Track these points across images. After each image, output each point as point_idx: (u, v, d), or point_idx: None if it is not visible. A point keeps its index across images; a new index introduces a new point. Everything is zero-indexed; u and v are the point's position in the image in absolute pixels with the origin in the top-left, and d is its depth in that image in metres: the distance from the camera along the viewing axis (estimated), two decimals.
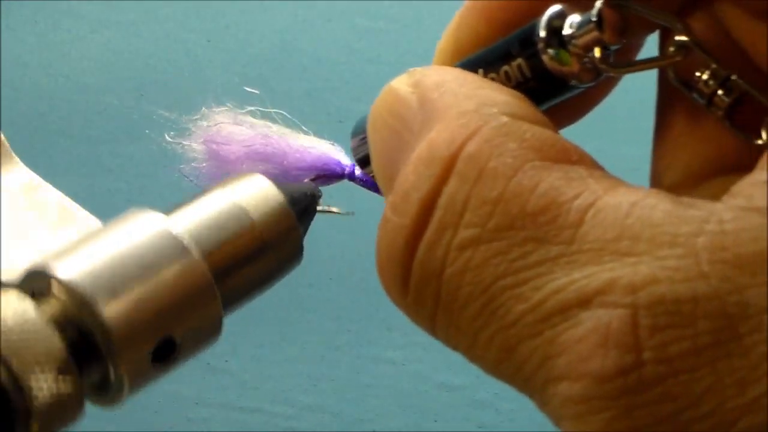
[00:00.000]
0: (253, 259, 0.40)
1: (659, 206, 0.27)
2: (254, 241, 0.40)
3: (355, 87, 1.16)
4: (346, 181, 0.47)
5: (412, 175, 0.31)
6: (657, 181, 0.36)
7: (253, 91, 0.44)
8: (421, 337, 0.33)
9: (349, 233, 1.16)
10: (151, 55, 1.19)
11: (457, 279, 0.29)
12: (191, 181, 0.46)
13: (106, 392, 0.37)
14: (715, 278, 0.26)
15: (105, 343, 0.34)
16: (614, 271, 0.27)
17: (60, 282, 0.33)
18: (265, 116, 0.46)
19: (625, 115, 1.15)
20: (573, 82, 0.35)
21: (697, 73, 0.34)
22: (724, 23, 0.34)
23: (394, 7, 1.19)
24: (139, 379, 0.36)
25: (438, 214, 0.30)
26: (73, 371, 0.34)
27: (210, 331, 0.38)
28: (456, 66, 0.37)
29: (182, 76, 1.17)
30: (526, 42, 0.35)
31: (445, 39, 0.38)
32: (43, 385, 0.34)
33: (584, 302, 0.27)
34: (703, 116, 0.35)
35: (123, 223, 0.36)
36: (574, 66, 0.34)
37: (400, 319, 0.33)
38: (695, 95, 0.34)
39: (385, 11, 1.19)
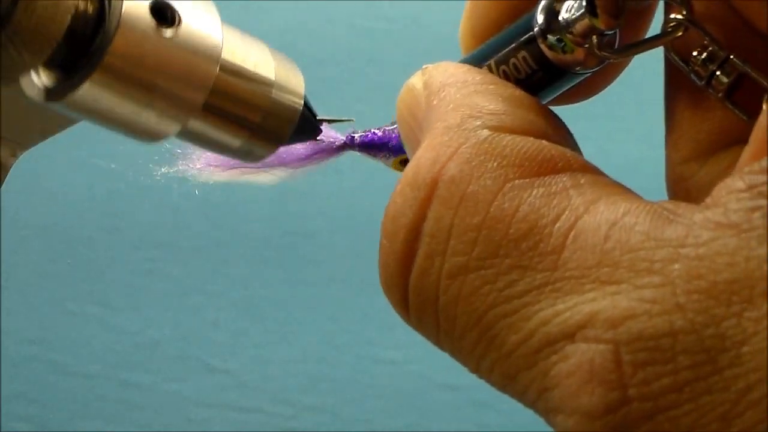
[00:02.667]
0: (246, 102, 0.39)
1: (637, 227, 0.27)
2: (259, 94, 0.39)
3: (355, 87, 1.16)
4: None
5: (399, 197, 0.31)
6: (669, 156, 0.36)
7: None
8: (421, 337, 0.33)
9: (350, 233, 1.16)
10: None
11: (451, 309, 0.30)
12: (189, 176, 0.46)
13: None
14: (692, 310, 0.25)
15: None
16: (595, 303, 0.27)
17: None
18: None
19: (626, 113, 1.15)
20: (578, 69, 0.34)
21: (695, 53, 0.34)
22: None
23: (394, 7, 1.19)
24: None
25: (425, 240, 0.30)
26: None
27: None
28: (469, 57, 0.37)
29: None
30: (526, 32, 0.34)
31: (462, 24, 0.38)
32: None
33: (569, 336, 0.27)
34: (706, 92, 0.35)
35: None
36: (575, 54, 0.34)
37: (400, 319, 0.33)
38: (693, 76, 0.34)
39: (385, 11, 1.19)
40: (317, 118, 0.43)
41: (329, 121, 0.44)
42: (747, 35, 0.34)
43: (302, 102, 0.41)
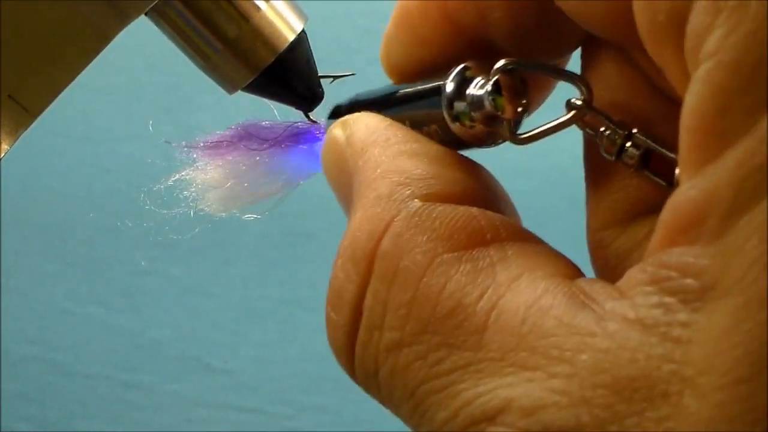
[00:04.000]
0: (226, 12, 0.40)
1: (552, 311, 0.27)
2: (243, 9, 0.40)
3: (355, 87, 1.16)
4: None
5: (341, 272, 0.32)
6: (589, 222, 0.36)
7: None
8: None
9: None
10: (151, 55, 1.19)
11: (388, 380, 0.31)
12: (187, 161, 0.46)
13: None
14: (596, 405, 0.26)
15: None
16: (511, 389, 0.27)
17: None
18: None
19: None
20: (485, 144, 0.34)
21: (602, 129, 0.33)
22: (635, 61, 0.34)
23: (394, 7, 1.19)
24: None
25: (366, 315, 0.31)
26: None
27: None
28: (383, 97, 0.37)
29: (182, 76, 1.17)
30: (436, 103, 0.34)
31: (381, 55, 0.38)
32: None
33: (490, 418, 0.27)
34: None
35: None
36: (480, 132, 0.33)
37: None
38: (603, 152, 0.34)
39: (385, 11, 1.19)
40: (318, 75, 0.43)
41: (332, 77, 0.45)
42: (663, 104, 0.33)
43: (288, 40, 0.41)
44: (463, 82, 0.33)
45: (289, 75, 0.42)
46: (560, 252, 0.31)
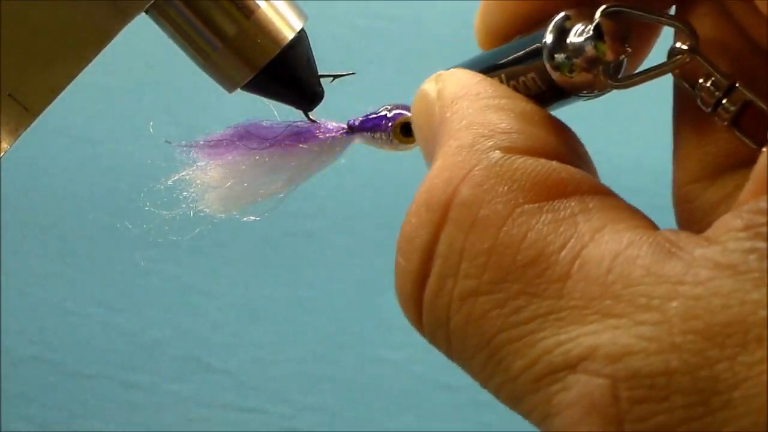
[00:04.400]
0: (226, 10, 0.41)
1: (639, 260, 0.28)
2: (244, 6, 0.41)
3: (355, 87, 1.16)
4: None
5: (414, 218, 0.32)
6: (675, 176, 0.36)
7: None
8: (421, 336, 0.33)
9: (350, 233, 1.16)
10: (151, 55, 1.19)
11: (461, 330, 0.30)
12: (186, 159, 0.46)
13: None
14: (687, 351, 0.26)
15: None
16: (596, 336, 0.27)
17: None
18: None
19: (626, 113, 1.15)
20: (583, 93, 0.34)
21: (701, 80, 0.34)
22: (731, 14, 0.34)
23: (394, 7, 1.19)
24: None
25: (438, 262, 0.31)
26: None
27: None
28: (480, 62, 0.37)
29: (182, 76, 1.17)
30: (535, 52, 0.34)
31: (477, 21, 0.38)
32: None
33: (571, 366, 0.28)
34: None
35: None
36: (581, 77, 0.34)
37: (400, 319, 0.33)
38: (699, 103, 0.34)
39: (385, 11, 1.19)
40: (318, 74, 0.43)
41: (332, 77, 0.45)
42: (757, 60, 0.34)
43: (287, 39, 0.42)
44: (563, 30, 0.34)
45: (289, 73, 0.42)
46: (637, 208, 0.31)
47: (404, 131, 0.43)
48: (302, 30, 0.43)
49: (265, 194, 0.44)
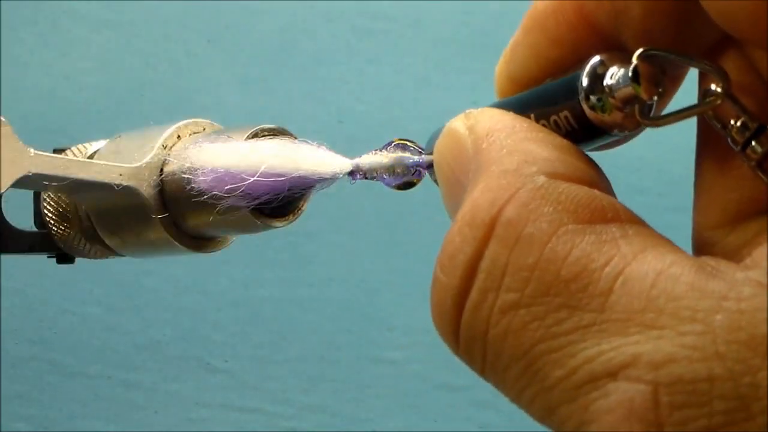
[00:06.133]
0: None
1: (682, 278, 0.29)
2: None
3: (355, 87, 1.16)
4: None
5: (457, 236, 0.33)
6: (697, 220, 0.37)
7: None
8: (421, 336, 0.34)
9: (350, 233, 1.16)
10: (151, 55, 1.19)
11: (500, 341, 0.31)
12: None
13: None
14: (730, 359, 0.27)
15: None
16: (639, 345, 0.28)
17: None
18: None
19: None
20: (615, 131, 0.35)
21: (732, 121, 0.34)
22: (754, 63, 0.35)
23: (394, 7, 1.19)
24: None
25: (481, 277, 0.32)
26: None
27: None
28: (509, 103, 0.38)
29: (182, 76, 1.17)
30: (569, 91, 0.35)
31: (500, 66, 0.39)
32: None
33: (612, 374, 0.28)
34: (738, 158, 0.35)
35: None
36: (615, 116, 0.35)
37: (400, 319, 0.33)
38: (729, 141, 0.35)
39: (385, 11, 1.19)
40: None
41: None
42: None
43: None
44: (599, 73, 0.35)
45: None
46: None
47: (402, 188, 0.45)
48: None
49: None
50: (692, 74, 0.37)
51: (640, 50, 0.34)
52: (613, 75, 0.35)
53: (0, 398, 1.16)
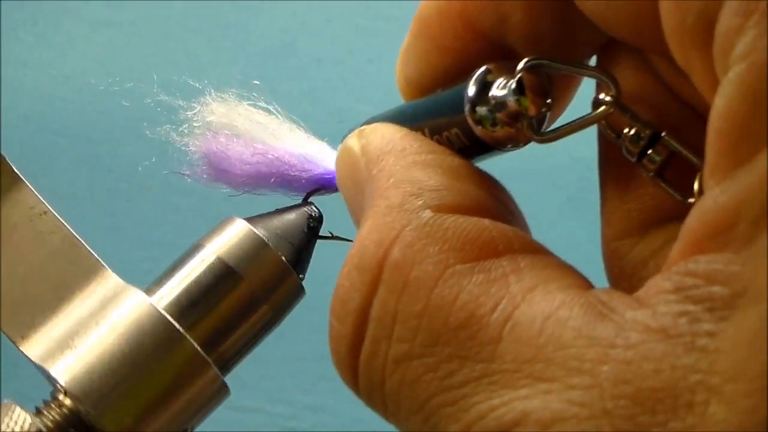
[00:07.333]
0: (244, 316, 0.41)
1: (570, 322, 0.27)
2: (243, 299, 0.41)
3: (355, 87, 1.16)
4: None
5: (346, 281, 0.32)
6: (604, 233, 0.36)
7: (255, 83, 0.44)
8: None
9: (349, 233, 1.16)
10: (151, 55, 1.19)
11: (396, 393, 0.30)
12: (188, 177, 0.46)
13: None
14: (618, 417, 0.25)
15: None
16: (528, 401, 0.27)
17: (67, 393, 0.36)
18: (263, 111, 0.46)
19: None
20: (507, 147, 0.34)
21: (626, 129, 0.33)
22: (652, 67, 0.33)
23: (394, 7, 1.19)
24: None
25: (372, 325, 0.31)
26: None
27: (215, 396, 0.40)
28: (403, 114, 0.37)
29: (182, 76, 1.17)
30: (458, 106, 0.34)
31: (397, 71, 0.38)
32: None
33: None
34: (638, 169, 0.34)
35: (113, 313, 0.38)
36: (505, 132, 0.33)
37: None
38: (625, 152, 0.33)
39: (385, 11, 1.19)
40: (316, 231, 0.45)
41: (332, 239, 0.47)
42: (681, 112, 0.33)
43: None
44: (485, 84, 0.33)
45: None
46: (570, 264, 0.31)
47: None
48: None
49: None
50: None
51: (524, 61, 0.32)
52: (500, 86, 0.33)
53: (0, 398, 1.16)
